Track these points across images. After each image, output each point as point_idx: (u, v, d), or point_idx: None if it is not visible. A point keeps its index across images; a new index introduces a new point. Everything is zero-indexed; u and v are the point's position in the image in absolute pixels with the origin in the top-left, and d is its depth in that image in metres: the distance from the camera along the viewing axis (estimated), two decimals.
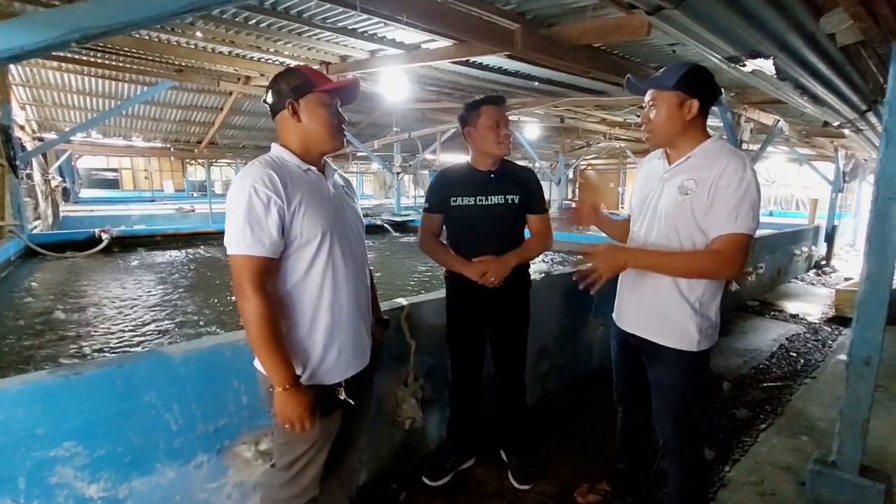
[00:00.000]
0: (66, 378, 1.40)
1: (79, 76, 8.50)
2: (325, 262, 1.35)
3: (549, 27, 3.02)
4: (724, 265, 1.45)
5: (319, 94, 1.36)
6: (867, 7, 1.58)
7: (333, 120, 1.39)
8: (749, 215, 1.43)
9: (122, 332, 4.51)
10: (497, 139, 1.95)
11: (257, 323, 1.23)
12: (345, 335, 1.42)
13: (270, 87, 1.38)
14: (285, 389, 1.28)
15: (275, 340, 1.27)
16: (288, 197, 1.28)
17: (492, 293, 2.00)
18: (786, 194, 21.32)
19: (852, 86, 3.08)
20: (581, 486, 2.15)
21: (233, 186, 1.29)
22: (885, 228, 1.89)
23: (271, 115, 1.41)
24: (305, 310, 1.36)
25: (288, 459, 1.41)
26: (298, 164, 1.37)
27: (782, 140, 8.14)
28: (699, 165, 1.51)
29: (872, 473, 2.09)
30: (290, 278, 1.34)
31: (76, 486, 1.43)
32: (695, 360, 1.59)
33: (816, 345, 4.34)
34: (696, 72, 1.50)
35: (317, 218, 1.33)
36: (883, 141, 1.86)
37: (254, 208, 1.23)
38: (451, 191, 2.05)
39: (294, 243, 1.31)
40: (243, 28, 3.80)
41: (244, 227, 1.23)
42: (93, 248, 7.67)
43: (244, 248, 1.23)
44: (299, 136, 1.38)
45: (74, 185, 15.92)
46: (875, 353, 1.97)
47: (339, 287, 1.39)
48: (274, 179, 1.27)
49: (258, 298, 1.23)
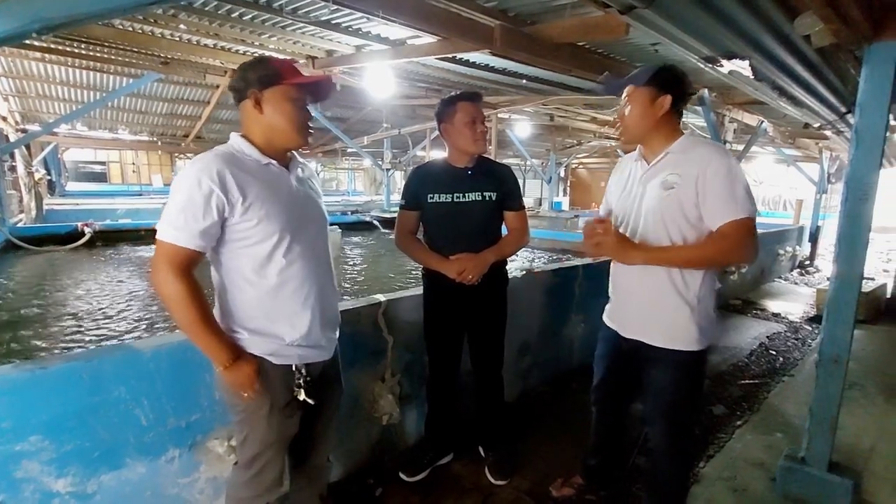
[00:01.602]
0: (32, 372, 1.39)
1: (63, 67, 8.35)
2: (282, 258, 1.33)
3: (531, 25, 3.03)
4: (735, 249, 1.46)
5: (287, 87, 1.32)
6: (836, 9, 1.60)
7: (299, 116, 1.35)
8: (747, 199, 1.44)
9: (99, 326, 4.46)
10: (473, 136, 1.94)
11: (183, 306, 1.23)
12: (305, 325, 1.39)
13: (237, 73, 1.35)
14: (226, 368, 1.29)
15: (204, 321, 1.26)
16: (236, 195, 1.25)
17: (468, 290, 2.01)
18: (773, 195, 21.57)
19: (831, 88, 3.12)
20: (556, 480, 2.17)
21: (181, 171, 1.27)
22: (855, 229, 1.92)
23: (235, 103, 1.37)
24: (262, 300, 1.34)
25: (248, 456, 1.41)
26: (258, 158, 1.33)
27: (768, 141, 8.22)
28: (679, 160, 1.52)
29: (841, 470, 2.13)
30: (246, 271, 1.32)
31: (43, 481, 1.42)
32: (695, 359, 1.59)
33: (796, 343, 4.40)
34: (668, 70, 1.54)
35: (273, 216, 1.30)
36: (853, 142, 1.89)
37: (193, 199, 1.21)
38: (428, 188, 2.04)
39: (247, 240, 1.29)
40: (227, 21, 3.76)
41: (178, 215, 1.21)
42: (75, 242, 7.57)
43: (172, 236, 1.22)
44: (262, 128, 1.34)
45: (61, 178, 15.68)
46: (844, 351, 2.00)
47: (297, 281, 1.36)
48: (223, 174, 1.23)
49: (180, 283, 1.22)
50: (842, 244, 1.96)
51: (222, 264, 1.33)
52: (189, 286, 1.23)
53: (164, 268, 1.21)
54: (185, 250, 1.22)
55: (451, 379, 2.24)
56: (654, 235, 1.56)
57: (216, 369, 1.31)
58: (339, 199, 18.26)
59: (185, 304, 1.23)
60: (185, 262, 1.23)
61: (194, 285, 1.25)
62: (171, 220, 1.22)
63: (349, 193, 23.76)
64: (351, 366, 2.14)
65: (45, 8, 1.00)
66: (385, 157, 12.25)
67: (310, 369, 1.43)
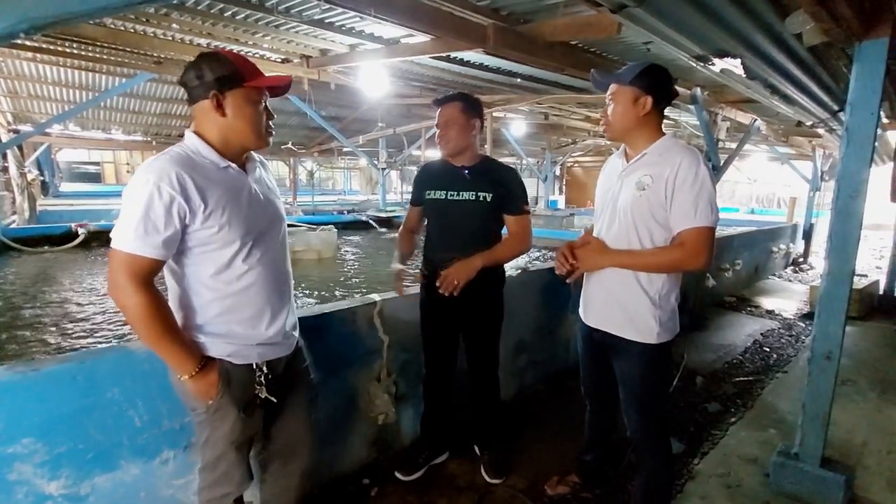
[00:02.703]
0: (24, 374, 1.39)
1: (54, 67, 8.30)
2: (242, 262, 1.30)
3: (524, 24, 3.03)
4: (691, 257, 1.52)
5: (248, 90, 1.27)
6: (827, 8, 1.61)
7: (261, 119, 1.31)
8: (707, 208, 1.49)
9: (94, 327, 4.45)
10: (438, 139, 2.02)
11: (146, 320, 1.18)
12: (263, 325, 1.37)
13: (192, 68, 1.25)
14: (192, 377, 1.26)
15: (170, 332, 1.22)
16: (198, 201, 1.20)
17: (463, 291, 2.00)
18: (767, 192, 21.68)
19: (823, 86, 3.14)
20: (551, 479, 2.18)
21: (136, 177, 1.18)
22: (846, 226, 1.93)
23: (189, 100, 1.29)
24: (221, 303, 1.31)
25: (211, 457, 1.39)
26: (216, 161, 1.28)
27: (761, 139, 8.26)
28: (654, 162, 1.56)
29: (834, 465, 2.14)
30: (204, 276, 1.28)
31: (36, 483, 1.41)
32: (656, 351, 1.63)
33: (790, 340, 4.43)
34: (652, 71, 1.55)
35: (235, 223, 1.26)
36: (844, 140, 1.90)
37: (153, 208, 1.15)
38: (427, 184, 2.12)
39: (207, 247, 1.25)
40: (220, 20, 3.74)
41: (138, 226, 1.15)
42: (69, 243, 7.53)
43: (132, 247, 1.15)
44: (221, 130, 1.28)
45: (54, 179, 15.55)
46: (836, 347, 2.02)
47: (256, 284, 1.34)
48: (183, 180, 1.18)
49: (142, 295, 1.17)
50: (833, 241, 1.97)
51: (180, 270, 1.29)
52: (154, 297, 1.19)
53: (125, 280, 1.16)
54: (147, 260, 1.17)
55: (446, 378, 2.24)
56: (626, 233, 1.63)
57: (180, 377, 1.27)
58: (335, 198, 18.23)
59: (150, 316, 1.18)
60: (147, 272, 1.18)
61: (158, 296, 1.20)
62: (128, 230, 1.15)
63: (345, 193, 23.72)
64: (347, 366, 2.14)
65: (32, 8, 1.00)
66: (381, 157, 12.24)
67: (271, 366, 1.40)
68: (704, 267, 1.56)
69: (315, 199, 13.47)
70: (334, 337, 2.08)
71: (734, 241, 6.00)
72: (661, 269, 1.59)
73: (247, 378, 1.36)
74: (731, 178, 20.51)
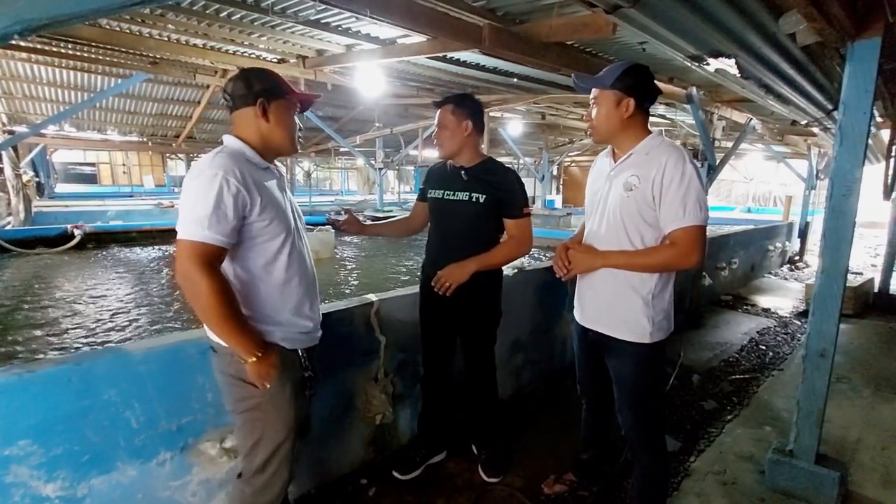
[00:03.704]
0: (20, 377, 1.38)
1: (50, 68, 8.28)
2: (287, 255, 1.43)
3: (519, 24, 3.03)
4: (683, 256, 1.52)
5: (289, 101, 1.43)
6: (819, 8, 1.62)
7: (295, 127, 1.47)
8: (696, 207, 1.50)
9: (90, 329, 4.43)
10: (435, 140, 2.03)
11: (217, 303, 1.26)
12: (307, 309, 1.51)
13: (240, 79, 1.40)
14: (258, 359, 1.33)
15: (237, 315, 1.31)
16: (256, 195, 1.33)
17: (458, 293, 2.00)
18: (763, 191, 21.76)
19: (817, 85, 3.15)
20: (548, 478, 2.19)
21: (198, 174, 1.29)
22: (840, 224, 1.95)
23: (231, 107, 1.42)
24: (271, 293, 1.42)
25: (263, 457, 1.43)
26: (259, 162, 1.41)
27: (757, 138, 8.30)
28: (641, 162, 1.57)
29: (828, 462, 2.16)
30: (256, 267, 1.40)
31: (32, 485, 1.41)
32: (649, 351, 1.64)
33: (785, 338, 4.45)
34: (632, 72, 1.56)
35: (279, 217, 1.40)
36: (837, 139, 1.91)
37: (223, 199, 1.26)
38: (430, 182, 2.17)
39: (258, 238, 1.37)
40: (215, 20, 3.74)
41: (211, 216, 1.25)
42: (65, 245, 7.50)
43: (204, 236, 1.25)
44: (262, 135, 1.42)
45: (50, 180, 15.47)
46: (830, 345, 2.03)
47: (300, 270, 1.48)
48: (244, 175, 1.31)
49: (215, 280, 1.26)
50: (827, 239, 1.98)
51: (236, 261, 1.39)
52: (224, 283, 1.29)
53: (196, 266, 1.24)
54: (216, 248, 1.27)
55: (444, 377, 2.25)
56: (615, 233, 1.63)
57: (246, 361, 1.33)
58: (333, 198, 18.19)
59: (223, 301, 1.27)
60: (216, 259, 1.28)
61: (225, 281, 1.30)
62: (201, 220, 1.25)
63: (342, 193, 23.69)
64: (344, 366, 2.15)
65: (27, 9, 0.99)
66: (377, 157, 12.23)
67: (308, 353, 1.54)
68: (697, 265, 1.57)
69: (312, 200, 13.43)
70: (332, 337, 2.06)
71: (730, 239, 6.02)
72: (654, 268, 1.60)
73: (296, 362, 1.49)
74: (728, 176, 20.59)
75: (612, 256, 1.64)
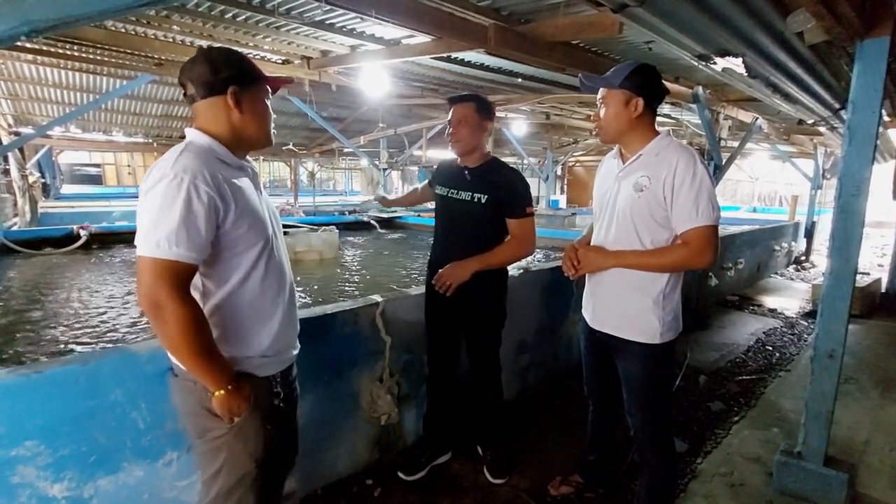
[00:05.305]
0: (28, 377, 1.39)
1: (55, 69, 8.30)
2: (265, 263, 1.24)
3: (525, 24, 3.03)
4: (696, 255, 1.52)
5: (263, 87, 1.24)
6: (828, 6, 1.60)
7: (270, 117, 1.28)
8: (709, 207, 1.49)
9: (97, 329, 4.45)
10: (449, 136, 2.01)
11: (191, 334, 1.08)
12: (286, 330, 1.33)
13: (203, 62, 1.16)
14: (227, 391, 1.16)
15: (209, 346, 1.13)
16: (230, 200, 1.14)
17: (461, 293, 1.99)
18: (769, 191, 21.64)
19: (824, 84, 3.13)
20: (554, 479, 2.18)
21: (159, 178, 1.07)
22: (848, 225, 1.93)
23: (193, 97, 1.19)
24: (246, 308, 1.23)
25: (225, 486, 1.25)
26: (230, 159, 1.21)
27: (763, 137, 8.25)
28: (651, 163, 1.56)
29: (837, 463, 2.14)
30: (230, 279, 1.21)
31: (39, 486, 1.41)
32: (659, 352, 1.63)
33: (792, 339, 4.43)
34: (641, 71, 1.55)
35: (256, 226, 1.21)
36: (846, 139, 1.90)
37: (192, 208, 1.06)
38: (438, 178, 2.18)
39: (233, 249, 1.18)
40: (220, 21, 3.74)
41: (179, 229, 1.05)
42: (71, 245, 7.53)
43: (173, 253, 1.05)
44: (234, 128, 1.21)
45: (56, 181, 15.57)
46: (839, 346, 2.01)
47: (278, 284, 1.30)
48: (216, 179, 1.11)
49: (186, 307, 1.08)
50: (835, 239, 1.97)
51: (204, 276, 1.19)
52: (197, 309, 1.11)
53: (166, 291, 1.05)
54: (186, 266, 1.08)
55: (448, 378, 2.24)
56: (626, 234, 1.62)
57: (213, 393, 1.16)
58: (337, 199, 18.23)
59: (195, 330, 1.09)
60: (186, 279, 1.10)
61: (198, 307, 1.12)
62: (167, 234, 1.05)
63: (346, 193, 23.73)
64: (349, 366, 2.15)
65: (33, 11, 1.00)
66: (382, 157, 12.23)
67: (283, 374, 1.36)
68: (710, 265, 1.56)
69: (316, 200, 13.45)
70: (337, 338, 2.08)
71: (736, 239, 5.99)
72: (666, 268, 1.59)
73: (267, 388, 1.30)
74: (733, 176, 20.49)
75: (623, 256, 1.63)
